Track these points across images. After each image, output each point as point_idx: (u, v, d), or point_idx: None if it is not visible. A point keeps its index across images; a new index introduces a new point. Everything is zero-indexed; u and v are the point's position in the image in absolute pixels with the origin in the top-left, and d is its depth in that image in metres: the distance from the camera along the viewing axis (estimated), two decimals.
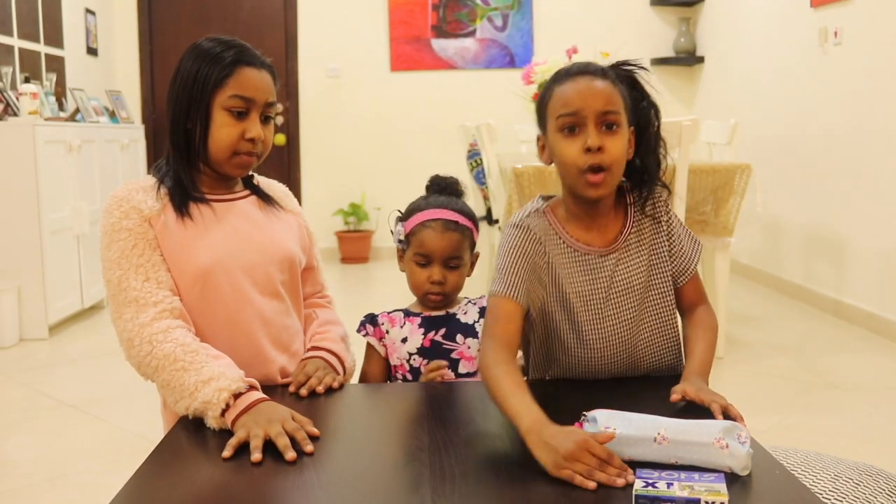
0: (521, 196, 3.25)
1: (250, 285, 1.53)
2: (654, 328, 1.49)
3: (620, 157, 1.37)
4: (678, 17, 6.47)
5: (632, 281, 1.45)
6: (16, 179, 4.05)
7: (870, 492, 1.34)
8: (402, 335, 1.61)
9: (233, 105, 1.50)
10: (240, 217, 1.57)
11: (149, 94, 6.49)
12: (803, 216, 4.79)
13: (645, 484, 1.00)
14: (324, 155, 6.54)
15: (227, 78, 1.49)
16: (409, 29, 6.47)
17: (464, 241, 1.61)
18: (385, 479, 1.16)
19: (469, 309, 1.63)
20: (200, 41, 1.54)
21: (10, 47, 4.74)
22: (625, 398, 1.42)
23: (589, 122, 1.35)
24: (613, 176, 1.37)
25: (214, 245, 1.51)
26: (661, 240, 1.47)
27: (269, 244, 1.58)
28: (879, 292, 4.08)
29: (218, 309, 1.51)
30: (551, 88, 1.42)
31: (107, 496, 1.06)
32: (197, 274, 1.49)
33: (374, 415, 1.45)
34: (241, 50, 1.52)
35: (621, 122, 1.37)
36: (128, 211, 1.49)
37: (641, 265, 1.46)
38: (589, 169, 1.35)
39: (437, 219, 1.60)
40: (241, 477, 1.14)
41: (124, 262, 1.46)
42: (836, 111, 4.44)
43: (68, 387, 3.38)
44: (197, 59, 1.51)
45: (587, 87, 1.37)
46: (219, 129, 1.50)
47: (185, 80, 1.51)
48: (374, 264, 6.32)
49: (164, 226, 1.50)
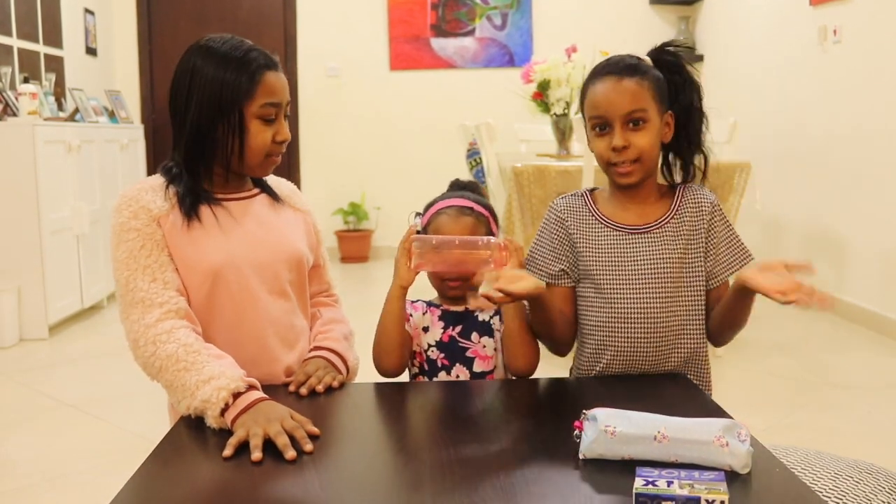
0: (521, 195, 3.25)
1: (258, 284, 1.54)
2: (682, 316, 1.52)
3: (648, 149, 1.48)
4: (677, 15, 6.47)
5: (661, 262, 1.51)
6: (15, 179, 4.05)
7: (870, 490, 1.34)
8: (423, 323, 1.61)
9: (265, 114, 1.52)
10: (250, 216, 1.58)
11: (148, 94, 6.49)
12: (803, 214, 4.79)
13: (645, 482, 1.00)
14: (323, 154, 6.54)
15: (256, 87, 1.51)
16: (409, 28, 6.47)
17: (479, 227, 1.59)
18: (386, 479, 1.16)
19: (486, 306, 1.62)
20: (207, 42, 1.54)
21: (10, 47, 4.74)
22: (625, 397, 1.42)
23: (615, 123, 1.47)
24: (643, 165, 1.49)
25: (224, 245, 1.52)
26: (698, 236, 1.53)
27: (277, 243, 1.58)
28: (879, 291, 4.08)
29: (226, 308, 1.52)
30: (587, 86, 1.53)
31: (107, 496, 1.06)
32: (206, 273, 1.50)
33: (375, 414, 1.45)
34: (260, 54, 1.54)
35: (648, 116, 1.47)
36: (136, 211, 1.49)
37: (676, 251, 1.51)
38: (618, 163, 1.48)
39: (452, 205, 1.61)
40: (241, 476, 1.14)
41: (132, 262, 1.47)
42: (835, 109, 4.44)
43: (68, 387, 3.38)
44: (218, 65, 1.50)
45: (613, 90, 1.47)
46: (254, 137, 1.52)
47: (210, 88, 1.49)
48: (374, 263, 6.32)
49: (173, 225, 1.50)
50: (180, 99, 1.52)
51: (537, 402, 1.40)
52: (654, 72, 1.51)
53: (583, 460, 1.14)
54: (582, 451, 1.14)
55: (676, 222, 1.53)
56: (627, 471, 1.06)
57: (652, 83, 1.49)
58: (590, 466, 1.12)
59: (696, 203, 1.55)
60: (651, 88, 1.48)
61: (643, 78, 1.48)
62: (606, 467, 1.12)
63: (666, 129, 1.52)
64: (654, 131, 1.48)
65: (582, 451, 1.14)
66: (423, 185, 4.49)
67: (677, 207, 1.54)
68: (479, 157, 4.46)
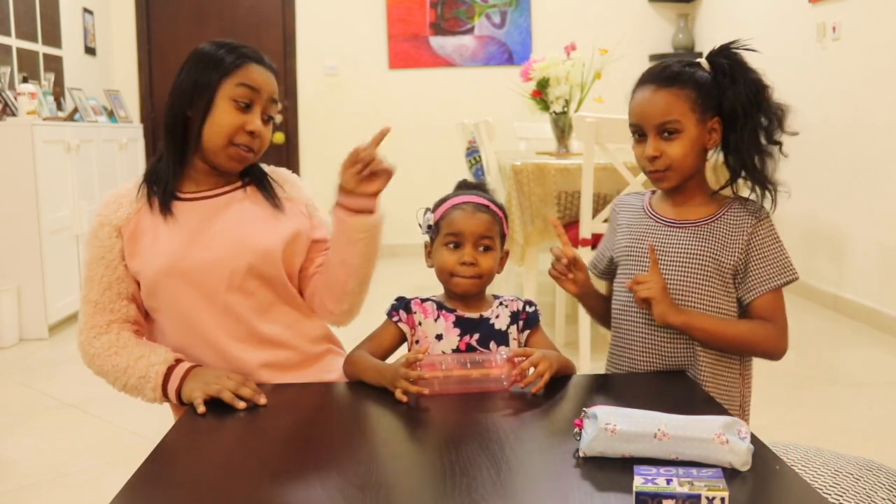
0: (520, 193, 3.24)
1: (210, 286, 1.54)
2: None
3: (681, 158, 1.51)
4: (676, 13, 6.47)
5: (689, 257, 1.53)
6: (15, 179, 4.05)
7: (870, 486, 1.34)
8: (436, 330, 1.54)
9: (239, 95, 1.52)
10: (218, 214, 1.58)
11: (147, 94, 6.48)
12: (802, 211, 4.79)
13: (644, 480, 1.00)
14: (322, 153, 6.54)
15: (236, 68, 1.53)
16: (408, 26, 6.46)
17: (494, 225, 1.56)
18: (386, 477, 1.15)
19: (501, 313, 1.57)
20: (207, 43, 1.59)
21: (8, 47, 4.73)
22: (625, 394, 1.42)
23: (648, 133, 1.52)
24: (675, 172, 1.52)
25: (172, 248, 1.54)
26: (734, 245, 1.52)
27: (240, 241, 1.56)
28: (879, 287, 4.08)
29: (172, 311, 1.57)
30: (633, 92, 1.57)
31: (107, 496, 1.06)
32: (151, 278, 1.55)
33: (376, 413, 1.45)
34: (252, 50, 1.58)
35: (682, 126, 1.50)
36: (102, 221, 1.57)
37: (707, 250, 1.53)
38: (650, 171, 1.54)
39: (468, 201, 1.57)
40: (241, 476, 1.14)
41: (93, 266, 1.57)
42: (834, 106, 4.44)
43: (68, 387, 3.38)
44: (212, 45, 1.57)
45: (647, 101, 1.52)
46: (220, 115, 1.52)
47: (195, 65, 1.55)
48: None
49: (133, 231, 1.55)
50: (174, 86, 1.57)
51: (537, 399, 1.40)
52: (699, 77, 1.50)
53: (583, 458, 1.14)
54: (582, 448, 1.14)
55: (715, 226, 1.54)
56: (627, 469, 1.06)
57: (693, 91, 1.49)
58: (590, 464, 1.12)
59: (742, 215, 1.54)
60: (689, 98, 1.49)
61: (682, 87, 1.49)
62: (606, 465, 1.11)
63: (711, 134, 1.53)
64: (688, 140, 1.50)
65: (582, 449, 1.14)
66: (423, 183, 4.51)
67: (722, 214, 1.55)
68: (478, 155, 4.45)
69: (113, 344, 1.54)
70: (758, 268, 1.52)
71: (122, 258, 1.56)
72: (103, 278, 1.55)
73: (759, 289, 1.52)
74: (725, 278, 1.52)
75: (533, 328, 1.59)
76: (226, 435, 1.28)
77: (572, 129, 4.04)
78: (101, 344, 1.55)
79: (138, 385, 1.52)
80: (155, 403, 1.55)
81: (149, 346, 1.55)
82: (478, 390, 1.42)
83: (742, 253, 1.52)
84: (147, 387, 1.51)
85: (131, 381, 1.52)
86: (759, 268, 1.52)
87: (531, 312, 1.58)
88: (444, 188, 1.69)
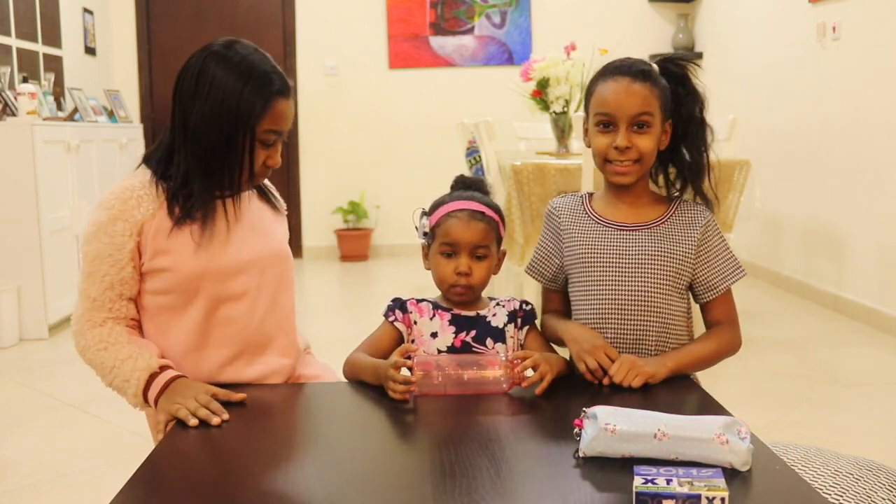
0: (520, 193, 3.25)
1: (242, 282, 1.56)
2: (664, 315, 1.54)
3: (649, 152, 1.52)
4: (676, 13, 6.47)
5: (645, 260, 1.54)
6: (15, 179, 4.05)
7: (870, 486, 1.34)
8: (431, 328, 1.56)
9: (265, 139, 1.53)
10: (241, 214, 1.60)
11: (147, 94, 6.48)
12: (803, 211, 4.79)
13: (644, 481, 1.00)
14: (323, 153, 6.54)
15: (266, 111, 1.50)
16: (408, 26, 6.46)
17: (490, 233, 1.57)
18: (386, 478, 1.15)
19: (498, 312, 1.59)
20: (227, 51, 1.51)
21: (8, 47, 4.73)
22: (625, 394, 1.42)
23: (621, 124, 1.51)
24: (641, 167, 1.53)
25: (207, 245, 1.52)
26: (688, 245, 1.55)
27: (267, 240, 1.62)
28: (879, 287, 4.08)
29: (195, 306, 1.54)
30: (596, 82, 1.57)
31: (107, 496, 1.06)
32: (187, 272, 1.52)
33: (376, 413, 1.45)
34: (278, 77, 1.52)
35: (653, 122, 1.52)
36: (116, 216, 1.50)
37: (662, 252, 1.54)
38: (616, 162, 1.52)
39: (464, 209, 1.56)
40: (241, 476, 1.14)
41: (97, 262, 1.51)
42: (834, 106, 4.44)
43: (68, 387, 3.38)
44: (241, 77, 1.49)
45: (624, 91, 1.51)
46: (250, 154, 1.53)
47: (227, 101, 1.48)
48: (374, 262, 6.31)
49: (158, 229, 1.51)
50: (186, 97, 1.51)
51: (537, 399, 1.40)
52: (662, 81, 1.55)
53: (583, 458, 1.14)
54: (582, 448, 1.14)
55: (667, 227, 1.57)
56: (627, 469, 1.06)
57: (660, 91, 1.53)
58: (590, 464, 1.12)
59: (690, 215, 1.58)
60: (658, 96, 1.53)
61: (654, 84, 1.52)
62: (606, 465, 1.12)
63: (664, 136, 1.56)
64: (656, 136, 1.53)
65: (582, 449, 1.14)
66: (423, 183, 4.52)
67: (671, 215, 1.58)
68: (478, 155, 4.45)
69: (104, 339, 1.52)
70: (712, 268, 1.57)
71: (132, 258, 1.51)
72: (106, 277, 1.51)
73: (715, 290, 1.57)
74: (680, 278, 1.55)
75: (530, 326, 1.61)
76: (226, 435, 1.28)
77: (572, 129, 4.05)
78: (92, 336, 1.53)
79: (122, 387, 1.50)
80: (137, 408, 1.54)
81: (137, 347, 1.51)
82: (476, 392, 1.42)
83: (695, 251, 1.55)
84: (129, 392, 1.49)
85: (116, 382, 1.51)
86: (712, 268, 1.57)
87: (528, 311, 1.61)
88: (443, 188, 1.68)
